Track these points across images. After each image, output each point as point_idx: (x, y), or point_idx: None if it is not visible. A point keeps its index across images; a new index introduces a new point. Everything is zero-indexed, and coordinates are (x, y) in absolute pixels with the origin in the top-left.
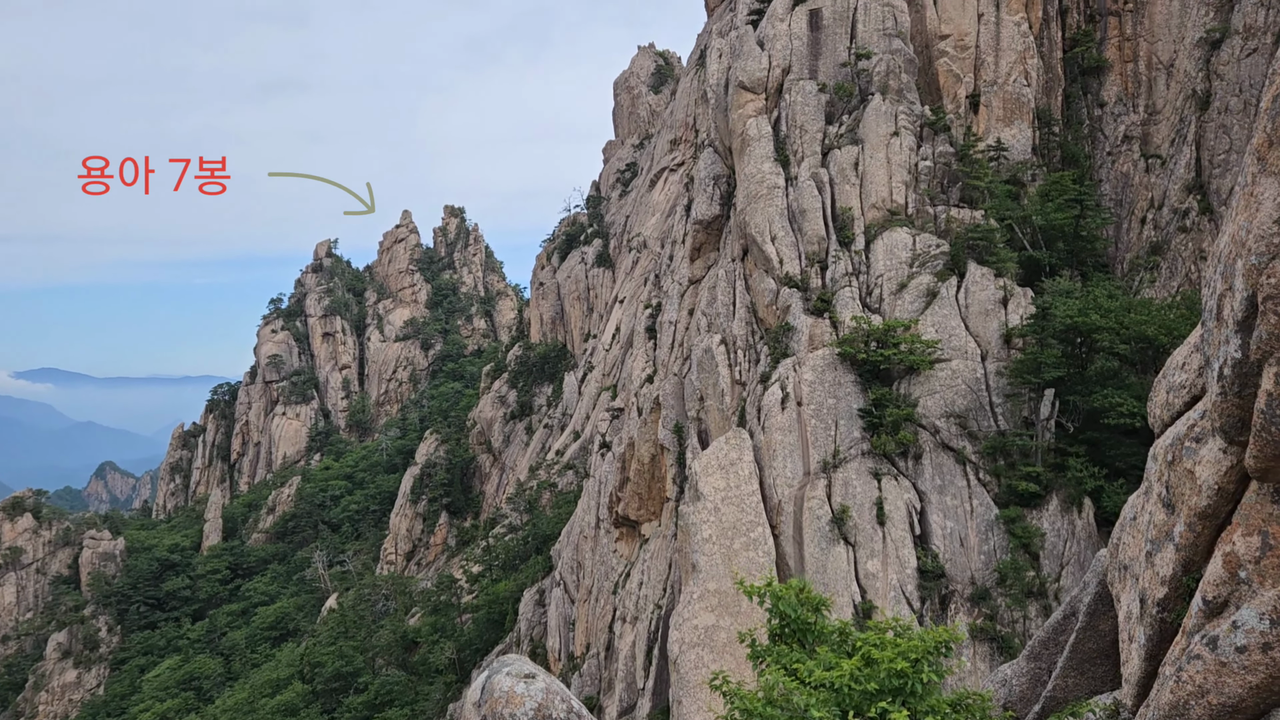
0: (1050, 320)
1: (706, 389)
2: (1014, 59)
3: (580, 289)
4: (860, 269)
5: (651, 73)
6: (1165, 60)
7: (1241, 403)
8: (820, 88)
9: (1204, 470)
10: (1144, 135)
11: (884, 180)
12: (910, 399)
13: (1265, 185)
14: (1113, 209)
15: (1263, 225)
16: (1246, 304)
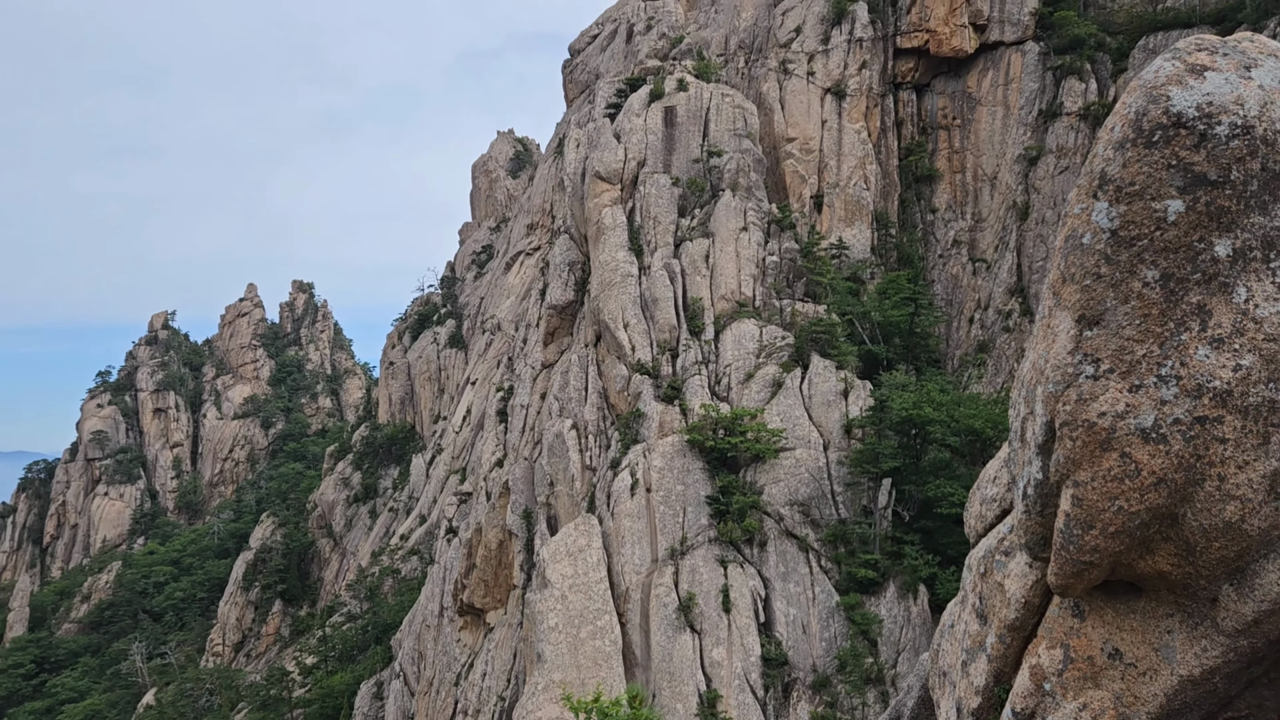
0: (888, 412)
1: (557, 474)
2: (855, 164)
3: (432, 369)
4: (710, 358)
5: (510, 157)
6: (989, 173)
7: (1044, 521)
8: (674, 181)
9: (1012, 584)
10: (971, 241)
11: (733, 273)
12: (756, 486)
13: (1060, 318)
14: (944, 308)
15: (1058, 356)
16: (1046, 428)
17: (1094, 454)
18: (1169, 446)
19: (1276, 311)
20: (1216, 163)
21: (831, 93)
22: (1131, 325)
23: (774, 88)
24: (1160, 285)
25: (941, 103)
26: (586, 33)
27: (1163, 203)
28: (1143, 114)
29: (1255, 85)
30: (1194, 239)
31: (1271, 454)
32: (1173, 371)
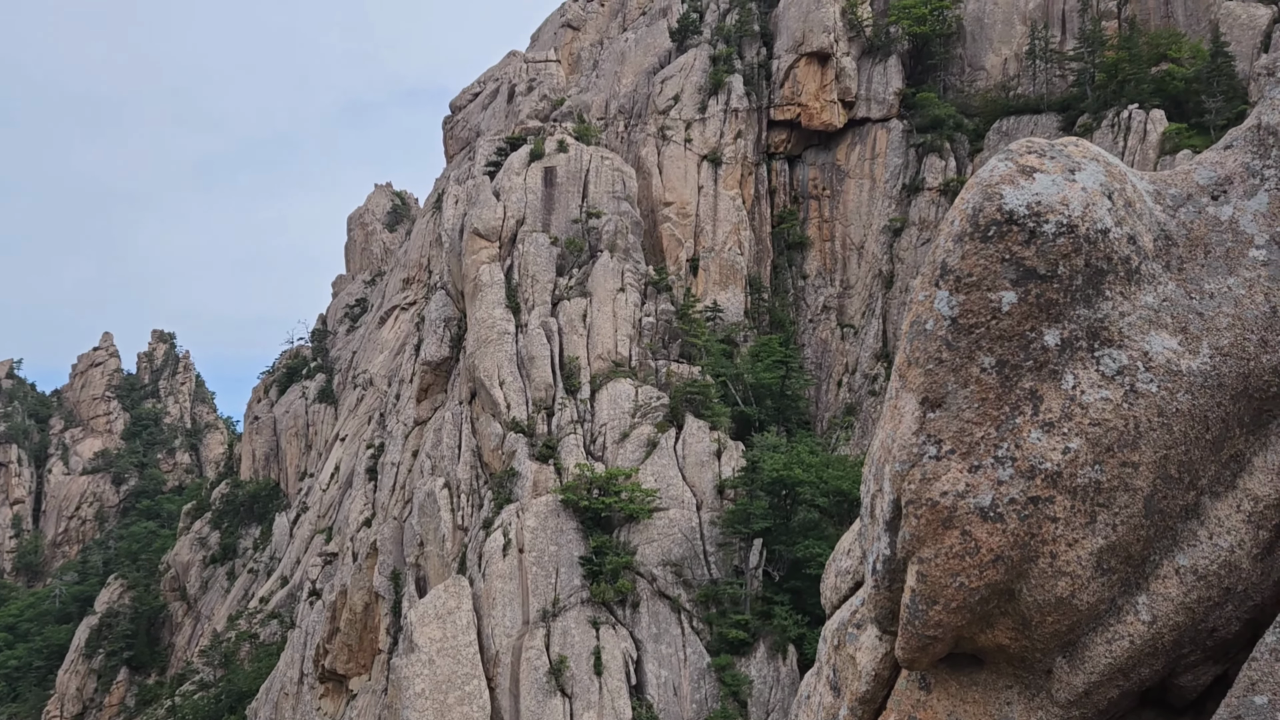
0: (759, 473)
1: (427, 534)
2: (730, 229)
3: (299, 425)
4: (585, 417)
5: (388, 210)
6: (857, 242)
7: (892, 595)
8: (553, 241)
9: (863, 656)
10: (840, 307)
11: (610, 333)
12: (630, 547)
13: (906, 400)
14: (814, 371)
15: (904, 436)
16: (893, 506)
17: (937, 532)
18: (1006, 525)
19: (1101, 398)
20: (1045, 258)
21: (708, 160)
22: (971, 409)
23: (653, 153)
24: (996, 371)
25: (812, 173)
26: (468, 90)
27: (998, 294)
28: (979, 210)
29: (1079, 187)
30: (1026, 328)
31: (1098, 532)
32: (1008, 453)
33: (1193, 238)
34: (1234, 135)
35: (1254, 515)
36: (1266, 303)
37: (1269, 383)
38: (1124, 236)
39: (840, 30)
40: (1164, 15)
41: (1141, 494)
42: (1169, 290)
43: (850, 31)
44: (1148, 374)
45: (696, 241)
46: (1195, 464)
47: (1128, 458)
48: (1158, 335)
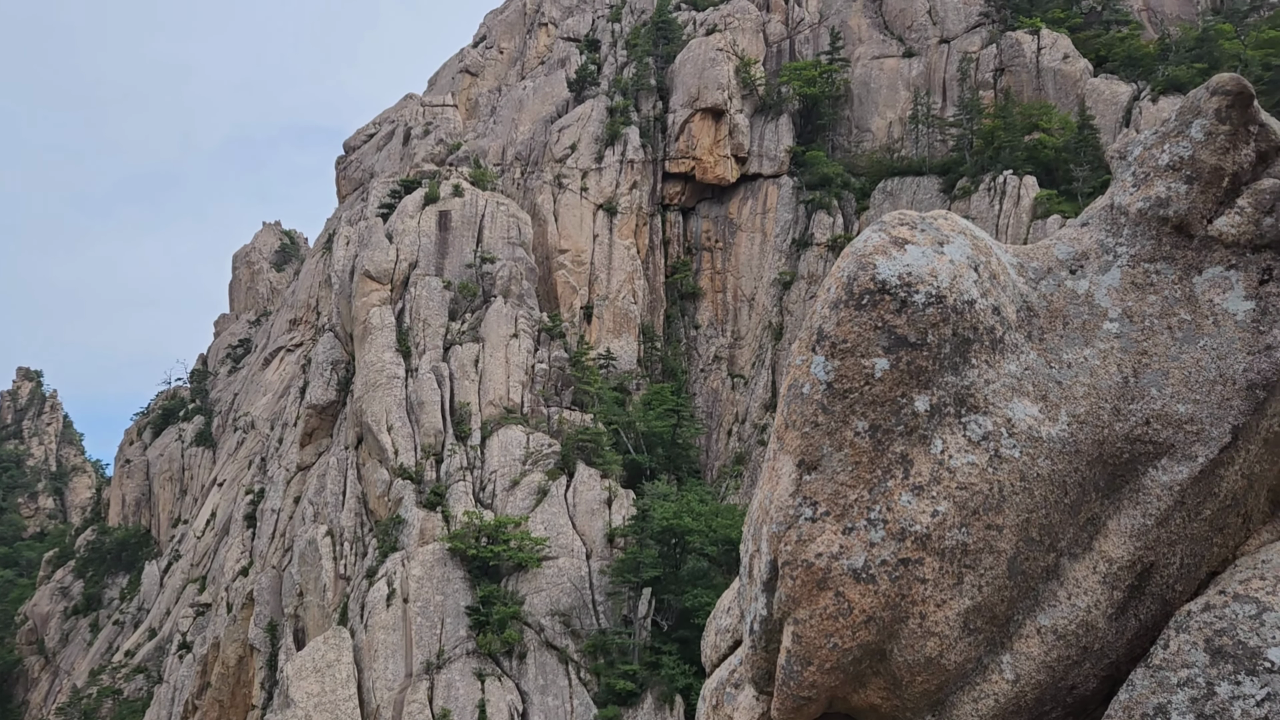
0: (649, 521)
1: (307, 584)
2: (624, 278)
3: (174, 469)
4: (475, 464)
5: (276, 250)
6: (748, 294)
7: (768, 656)
8: (446, 285)
9: (741, 716)
10: (731, 357)
11: (502, 379)
12: (518, 596)
13: (783, 462)
14: (704, 420)
15: (781, 498)
16: (770, 567)
17: (812, 592)
18: (878, 586)
19: (968, 462)
20: (915, 327)
21: (603, 209)
22: (845, 471)
23: (548, 200)
24: (870, 435)
25: (706, 226)
26: (363, 131)
27: (871, 360)
28: (853, 279)
29: (947, 260)
30: (898, 394)
31: (965, 593)
32: (880, 516)
33: (1052, 309)
34: (1090, 213)
35: (1109, 576)
36: (1119, 373)
37: (1122, 449)
38: (989, 307)
39: (734, 88)
40: (1036, 88)
41: (1005, 556)
42: (1030, 359)
43: (744, 89)
44: (1011, 440)
45: (591, 289)
46: (1055, 527)
47: (992, 520)
48: (1020, 402)
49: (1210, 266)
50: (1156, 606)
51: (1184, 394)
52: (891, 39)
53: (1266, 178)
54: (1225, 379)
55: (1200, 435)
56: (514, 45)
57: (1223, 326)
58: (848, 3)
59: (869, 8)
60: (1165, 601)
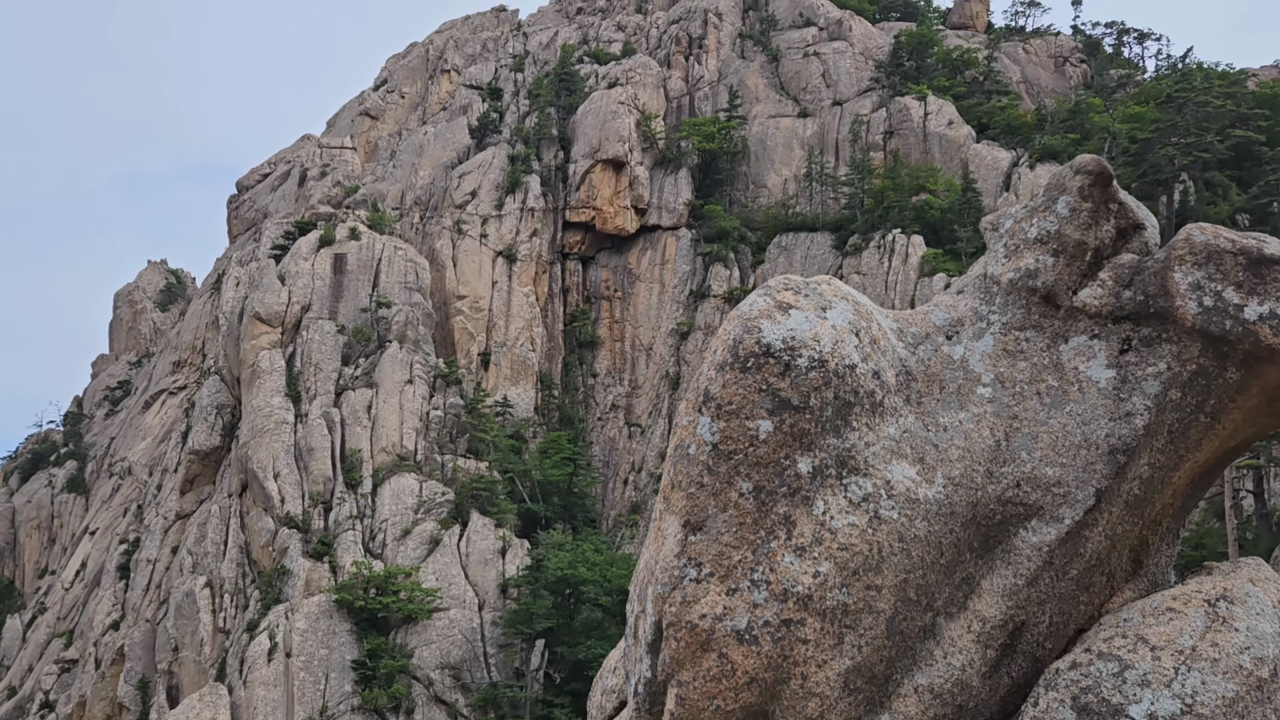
0: (544, 571)
1: (183, 638)
2: (522, 325)
3: (43, 516)
4: (366, 512)
5: (161, 289)
6: (646, 344)
7: (653, 717)
8: (339, 329)
9: None
10: (628, 406)
11: (396, 426)
12: (407, 649)
13: (669, 522)
14: (601, 469)
15: (666, 558)
16: (655, 628)
17: (695, 654)
18: (760, 647)
19: (848, 523)
20: (798, 390)
21: (503, 256)
22: (729, 532)
23: (447, 245)
24: (754, 496)
25: (605, 275)
26: (257, 170)
27: (755, 422)
28: (739, 342)
29: (829, 325)
30: (781, 456)
31: (845, 653)
32: (764, 576)
33: (930, 374)
34: (965, 281)
35: (982, 635)
36: (992, 436)
37: (994, 511)
38: (870, 371)
39: (635, 141)
40: (923, 151)
41: (884, 616)
42: (909, 422)
43: (644, 142)
44: (890, 501)
45: (489, 336)
46: (932, 587)
47: (872, 581)
48: (899, 464)
49: (1075, 335)
50: (1028, 664)
51: (1052, 457)
52: (787, 99)
53: (1125, 253)
54: (1089, 444)
55: (1067, 498)
56: (415, 90)
57: (1087, 393)
58: (746, 63)
59: (766, 69)
60: (1036, 659)
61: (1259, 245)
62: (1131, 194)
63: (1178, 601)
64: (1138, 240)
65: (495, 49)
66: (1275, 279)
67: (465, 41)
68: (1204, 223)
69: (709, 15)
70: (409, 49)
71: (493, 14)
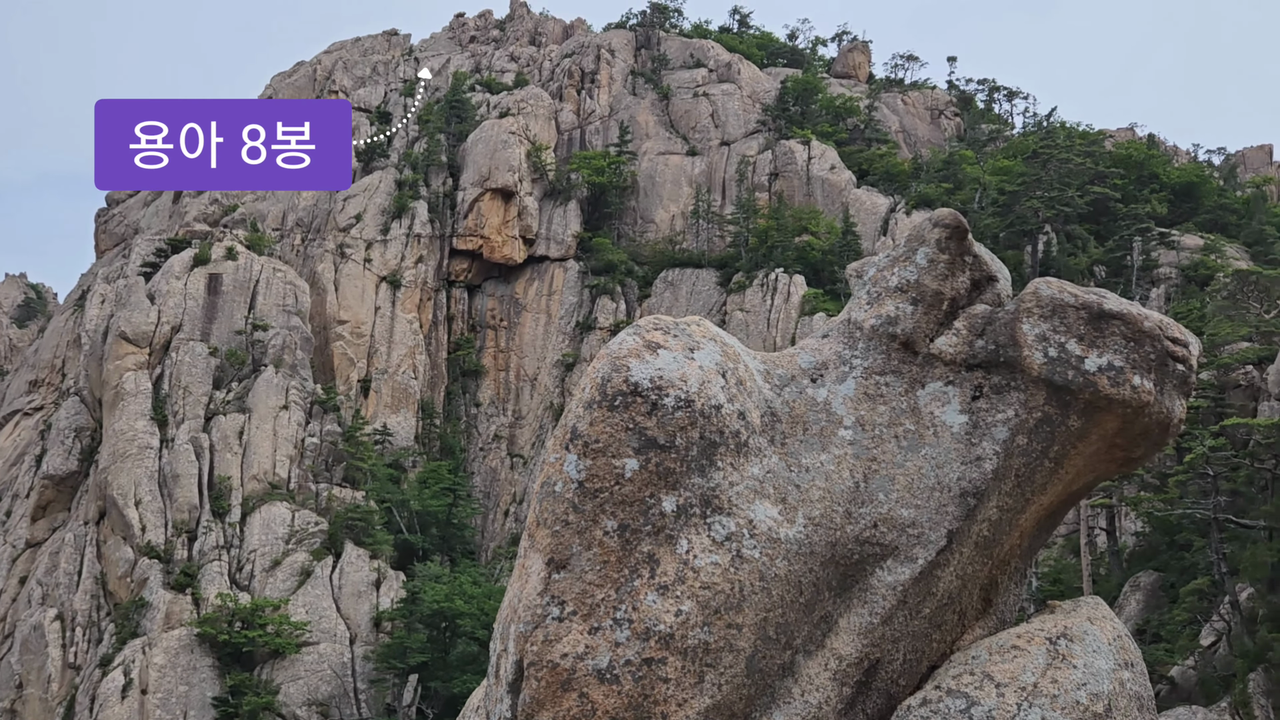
0: (420, 604)
1: (29, 674)
2: (405, 352)
3: None
4: (233, 542)
5: (19, 304)
6: (531, 374)
7: None
8: (212, 351)
9: None
10: (511, 436)
11: (269, 453)
12: (272, 685)
13: (533, 560)
14: (482, 500)
15: (530, 596)
16: (516, 667)
17: (556, 694)
18: (621, 687)
19: (711, 562)
20: (665, 429)
21: (387, 281)
22: (593, 570)
23: (329, 269)
24: (618, 535)
25: (491, 304)
26: None
27: (621, 460)
28: (607, 380)
29: (697, 365)
30: (646, 494)
31: (705, 691)
32: (626, 615)
33: (794, 415)
34: (830, 326)
35: (839, 673)
36: (851, 478)
37: (852, 550)
38: (735, 412)
39: (525, 171)
40: (806, 194)
41: (744, 654)
42: (773, 463)
43: (534, 173)
44: (752, 540)
45: (369, 362)
46: (791, 625)
47: (733, 619)
48: (761, 504)
49: (932, 381)
50: (882, 701)
51: (907, 499)
52: (677, 137)
53: (979, 303)
54: (942, 486)
55: (921, 538)
56: None
57: (941, 437)
58: (637, 100)
59: (657, 106)
60: (890, 696)
61: (1099, 301)
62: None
63: (1022, 639)
64: (991, 291)
65: (385, 73)
66: (1114, 333)
67: (355, 64)
68: (1051, 277)
69: (602, 51)
70: (296, 68)
71: (384, 37)
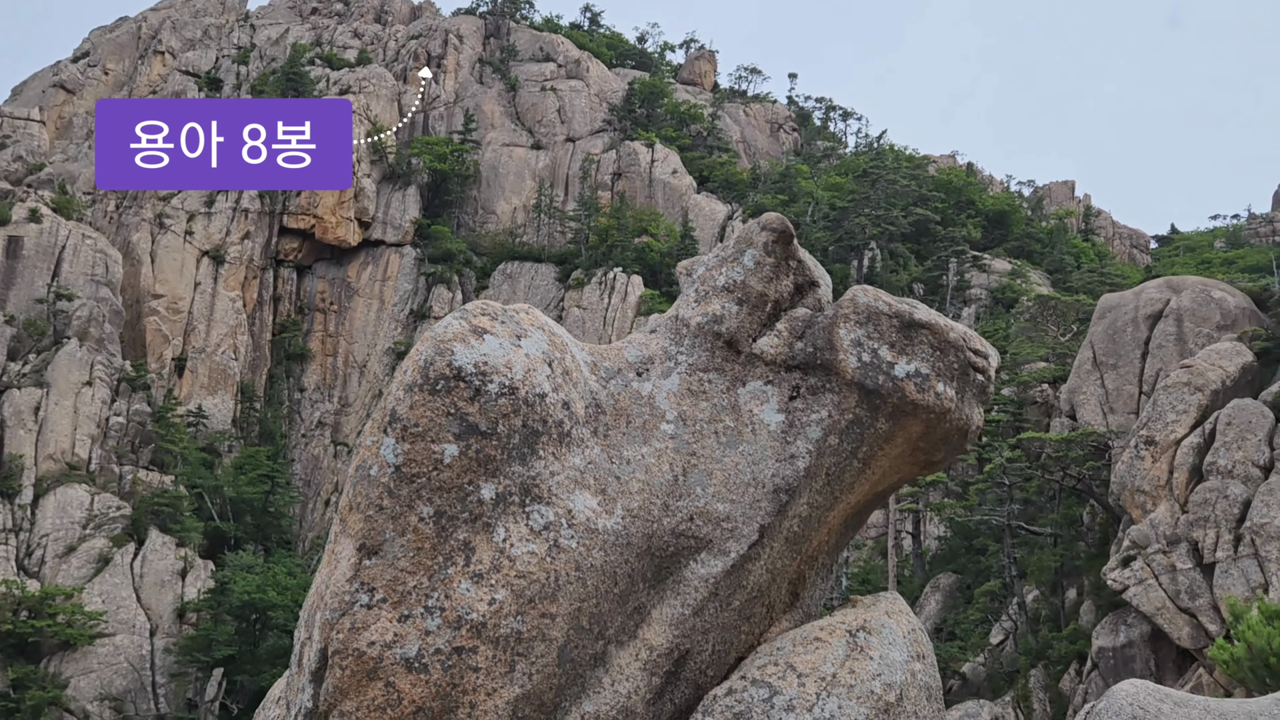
0: (229, 595)
1: None
2: (226, 332)
3: None
4: (23, 525)
5: None
6: (360, 361)
7: None
8: (7, 320)
9: None
10: (336, 424)
11: (68, 431)
12: (60, 679)
13: (344, 545)
14: (302, 488)
15: (338, 583)
16: (320, 656)
17: (361, 683)
18: (429, 676)
19: (528, 551)
20: (487, 416)
21: (210, 256)
22: (406, 557)
23: (146, 239)
24: (434, 521)
25: (322, 286)
26: None
27: (441, 446)
28: (430, 363)
29: (523, 353)
30: (465, 481)
31: (516, 681)
32: (438, 603)
33: (619, 408)
34: (659, 321)
35: (649, 663)
36: (671, 471)
37: (669, 543)
38: (559, 402)
39: (364, 151)
40: (647, 195)
41: (557, 644)
42: (595, 454)
43: (373, 155)
44: (570, 530)
45: (186, 340)
46: (605, 615)
47: (547, 609)
48: (582, 495)
49: (752, 380)
50: (690, 691)
51: (723, 494)
52: (522, 130)
53: (801, 307)
54: (757, 482)
55: (734, 532)
56: (122, 68)
57: (759, 435)
58: (484, 89)
59: (504, 97)
60: (698, 686)
61: (910, 310)
62: (828, 256)
63: (824, 632)
64: (812, 296)
65: (218, 37)
66: (922, 341)
67: (184, 24)
68: (869, 285)
69: (450, 36)
70: (118, 23)
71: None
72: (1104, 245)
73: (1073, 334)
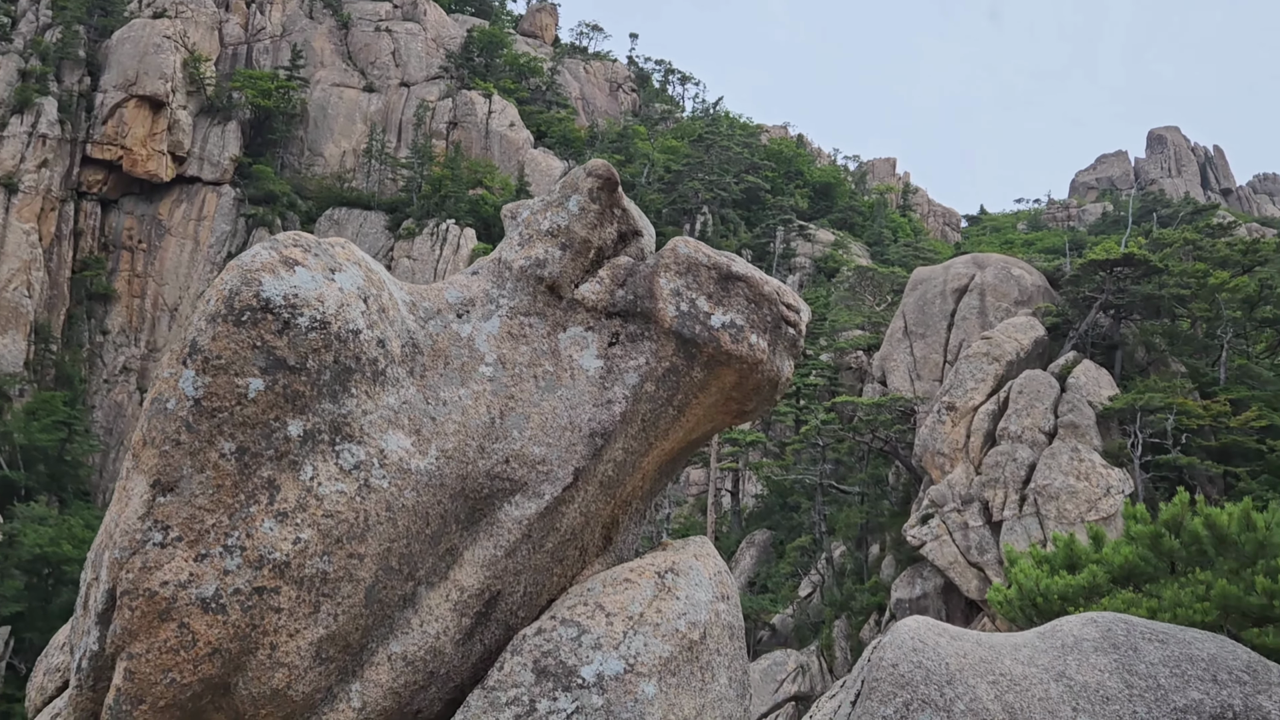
0: (18, 549)
1: None
2: (19, 266)
3: None
4: None
5: None
6: (171, 303)
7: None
8: None
9: None
10: (143, 369)
11: None
12: None
13: (137, 482)
14: (103, 437)
15: (129, 521)
16: (107, 596)
17: (152, 624)
18: (227, 616)
19: (336, 490)
20: (296, 350)
21: (2, 185)
22: (205, 495)
23: None
24: (236, 458)
25: (129, 223)
26: None
27: (245, 380)
28: (235, 293)
29: (336, 287)
30: (271, 417)
31: (320, 622)
32: (239, 542)
33: (437, 349)
34: (480, 264)
35: (459, 604)
36: (488, 414)
37: (483, 485)
38: (374, 339)
39: (179, 81)
40: (484, 147)
41: (364, 584)
42: (410, 394)
43: (190, 85)
44: (381, 470)
45: None
46: (415, 556)
47: (355, 549)
48: (395, 435)
49: (573, 326)
50: (501, 631)
51: (540, 437)
52: (354, 70)
53: (624, 255)
54: (574, 426)
55: (549, 475)
56: None
57: (577, 380)
58: (314, 24)
59: (335, 35)
60: (509, 627)
61: (729, 263)
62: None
63: (633, 573)
64: (635, 245)
65: None
66: (738, 294)
67: None
68: (689, 237)
69: None
70: None
71: None
72: (920, 221)
73: (888, 304)
